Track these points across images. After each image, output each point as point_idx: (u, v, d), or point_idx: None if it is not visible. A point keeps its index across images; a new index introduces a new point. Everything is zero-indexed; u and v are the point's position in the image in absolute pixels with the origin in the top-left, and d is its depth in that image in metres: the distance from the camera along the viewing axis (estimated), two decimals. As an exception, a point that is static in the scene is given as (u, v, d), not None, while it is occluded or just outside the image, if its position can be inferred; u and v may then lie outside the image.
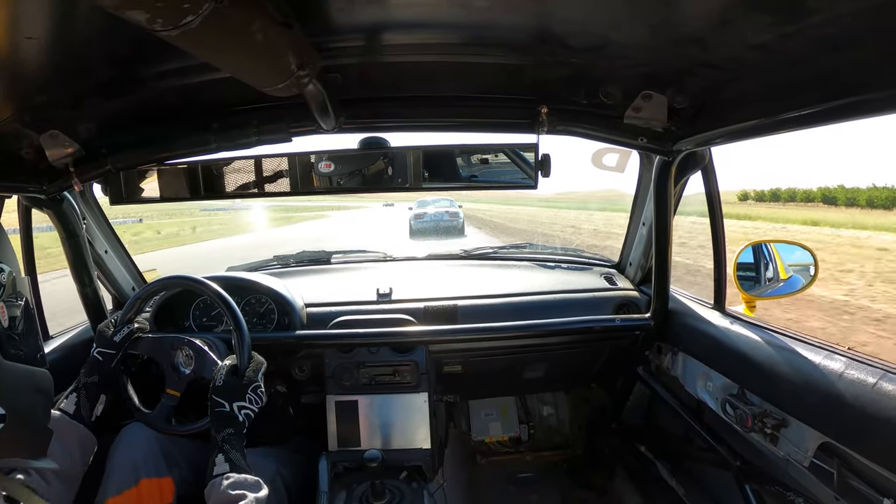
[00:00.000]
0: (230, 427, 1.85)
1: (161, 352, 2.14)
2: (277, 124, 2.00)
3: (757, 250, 2.39)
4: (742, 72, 1.55)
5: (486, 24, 1.47)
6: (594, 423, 3.55)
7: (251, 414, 1.94)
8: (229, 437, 1.82)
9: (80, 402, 1.91)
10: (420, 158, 2.15)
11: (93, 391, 1.96)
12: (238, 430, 1.87)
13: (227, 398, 1.91)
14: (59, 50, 1.31)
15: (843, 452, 1.57)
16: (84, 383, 1.97)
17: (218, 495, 1.64)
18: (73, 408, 1.88)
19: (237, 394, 1.93)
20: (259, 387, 1.99)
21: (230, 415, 1.88)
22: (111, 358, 2.05)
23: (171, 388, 2.09)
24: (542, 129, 2.04)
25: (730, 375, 2.14)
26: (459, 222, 27.21)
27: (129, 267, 2.98)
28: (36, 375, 1.28)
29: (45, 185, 2.09)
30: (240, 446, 1.83)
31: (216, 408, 1.90)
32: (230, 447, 1.79)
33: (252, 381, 1.98)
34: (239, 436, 1.86)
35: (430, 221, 27.00)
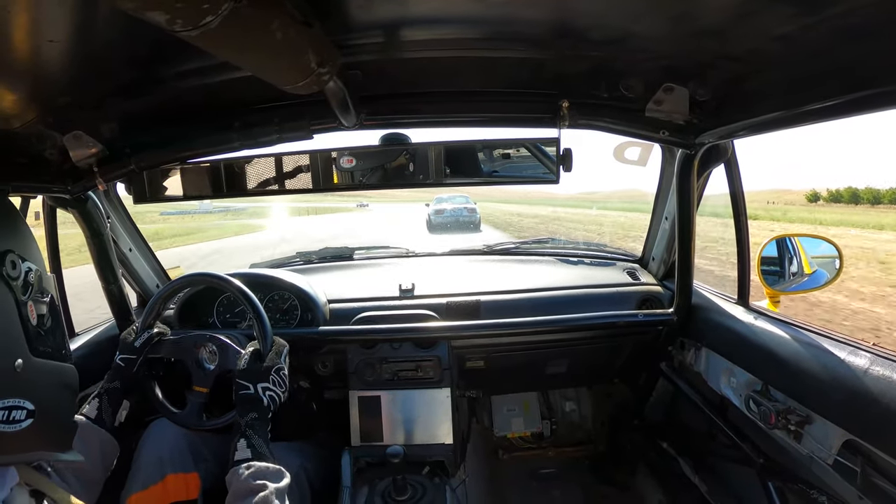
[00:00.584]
0: (254, 410, 1.85)
1: (184, 352, 2.15)
2: (298, 122, 2.01)
3: (781, 244, 2.37)
4: (764, 63, 1.53)
5: (505, 19, 1.47)
6: (616, 418, 3.54)
7: (276, 397, 1.94)
8: (253, 422, 1.81)
9: (102, 407, 1.91)
10: (441, 154, 2.14)
11: (115, 396, 1.97)
12: (262, 415, 1.86)
13: (252, 380, 1.91)
14: (81, 52, 1.32)
15: (868, 450, 1.55)
16: (106, 389, 1.97)
17: (238, 484, 1.63)
18: (95, 413, 1.88)
19: (261, 375, 1.93)
20: (283, 369, 2.00)
21: (255, 397, 1.88)
22: (133, 363, 2.06)
23: (199, 386, 2.11)
24: (564, 124, 2.03)
25: (754, 371, 2.12)
26: (477, 217, 28.69)
27: (154, 264, 3.01)
28: (63, 371, 1.30)
29: (70, 186, 2.11)
30: (263, 431, 1.82)
31: (241, 391, 1.89)
32: (253, 432, 1.78)
33: (275, 362, 1.98)
34: (263, 420, 1.85)
35: (451, 217, 28.11)
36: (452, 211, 28.45)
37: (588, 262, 3.27)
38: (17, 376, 1.13)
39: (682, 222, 2.40)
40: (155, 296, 2.25)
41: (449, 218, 28.07)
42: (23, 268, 1.18)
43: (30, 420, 1.14)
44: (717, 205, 2.51)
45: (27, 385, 1.15)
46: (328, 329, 2.67)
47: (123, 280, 2.67)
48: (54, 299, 1.31)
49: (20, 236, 1.23)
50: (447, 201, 29.50)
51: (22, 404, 1.13)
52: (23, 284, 1.18)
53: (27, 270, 1.19)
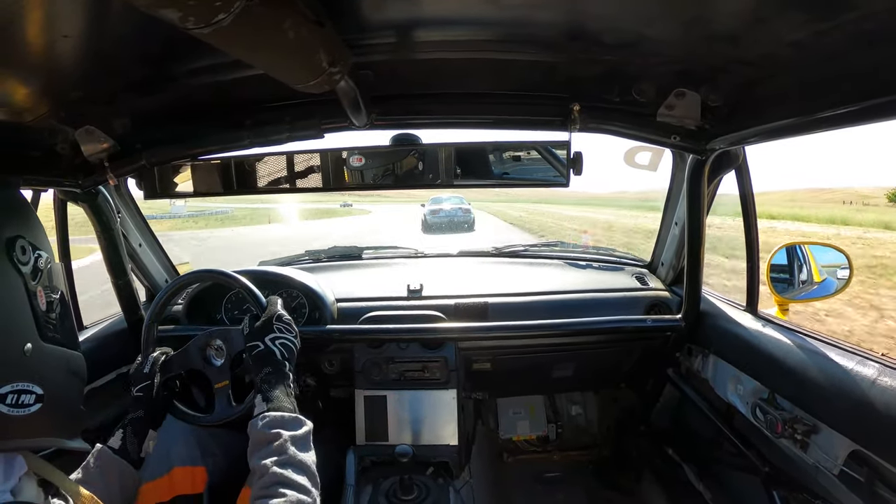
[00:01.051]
0: (268, 365, 1.82)
1: (193, 359, 2.12)
2: (309, 121, 2.01)
3: (791, 252, 2.36)
4: (777, 69, 1.53)
5: (518, 21, 1.47)
6: (622, 423, 3.53)
7: (287, 343, 1.91)
8: (267, 376, 1.78)
9: (127, 438, 1.88)
10: (452, 155, 2.14)
11: (139, 427, 1.94)
12: (277, 367, 1.83)
13: (258, 337, 1.88)
14: (94, 48, 1.32)
15: (874, 461, 1.55)
16: (130, 419, 1.94)
17: (254, 436, 1.62)
18: (118, 443, 1.86)
19: (265, 329, 1.90)
20: (283, 316, 1.96)
21: (266, 351, 1.85)
22: (150, 389, 2.04)
23: (219, 382, 2.10)
24: (575, 127, 2.02)
25: (761, 379, 2.11)
26: (471, 218, 29.95)
27: (163, 260, 3.03)
28: (72, 358, 1.31)
29: (81, 180, 2.12)
30: (281, 383, 1.79)
31: (252, 351, 1.87)
32: (269, 386, 1.75)
33: (273, 313, 1.96)
34: (278, 372, 1.82)
35: (446, 217, 29.54)
36: (448, 211, 29.67)
37: (597, 266, 3.27)
38: (27, 360, 1.14)
39: (691, 228, 2.39)
40: (161, 291, 2.24)
41: (444, 218, 29.36)
42: (33, 255, 1.20)
43: (38, 405, 1.14)
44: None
45: (36, 369, 1.16)
46: (336, 328, 2.68)
47: (133, 275, 2.68)
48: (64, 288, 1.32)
49: (31, 225, 1.24)
50: (445, 201, 30.47)
51: (31, 388, 1.14)
52: (32, 270, 1.19)
53: (37, 257, 1.21)
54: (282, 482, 1.48)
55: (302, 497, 1.47)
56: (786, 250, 2.36)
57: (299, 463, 1.57)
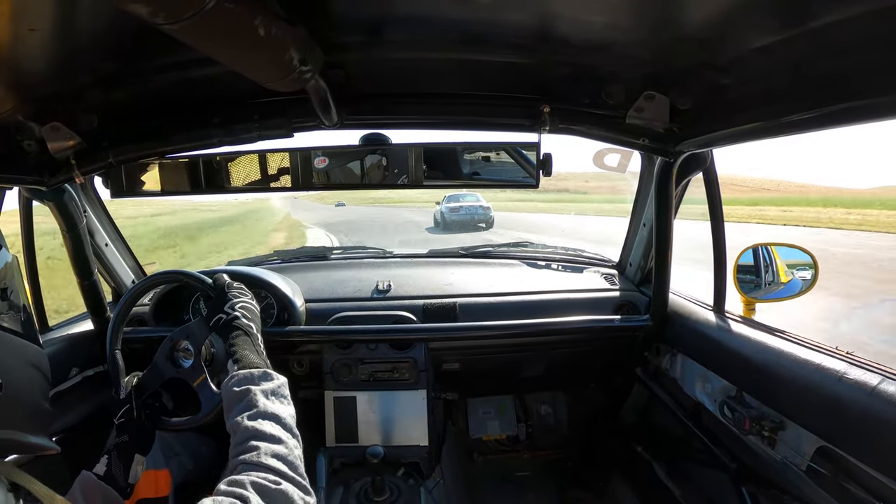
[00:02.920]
0: (233, 330, 1.82)
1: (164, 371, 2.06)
2: (279, 119, 2.00)
3: (757, 253, 2.39)
4: (745, 74, 1.55)
5: (489, 23, 1.48)
6: (592, 423, 3.55)
7: (247, 305, 1.91)
8: (234, 340, 1.78)
9: (112, 464, 1.81)
10: (421, 155, 2.14)
11: (125, 452, 1.87)
12: (243, 329, 1.83)
13: (218, 310, 1.89)
14: (61, 42, 1.31)
15: (841, 457, 1.57)
16: (115, 444, 1.88)
17: (226, 398, 1.60)
18: (104, 469, 1.78)
19: (220, 301, 1.91)
20: (232, 284, 1.97)
21: (229, 317, 1.85)
22: (130, 412, 1.99)
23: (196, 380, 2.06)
24: (544, 129, 2.03)
25: (728, 378, 2.14)
26: (492, 216, 27.74)
27: (130, 260, 2.99)
28: (31, 351, 1.28)
29: (47, 177, 2.08)
30: (248, 343, 1.79)
31: (217, 324, 1.87)
32: (237, 348, 1.75)
33: (223, 282, 1.97)
34: (245, 334, 1.82)
35: (467, 214, 27.59)
36: (469, 208, 27.71)
37: (566, 267, 3.29)
38: None
39: (659, 229, 2.42)
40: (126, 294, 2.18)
41: (465, 216, 27.49)
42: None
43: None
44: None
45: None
46: (304, 328, 2.67)
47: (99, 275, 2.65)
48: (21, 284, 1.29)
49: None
50: (463, 199, 28.35)
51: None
52: None
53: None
54: (254, 435, 1.45)
55: (276, 448, 1.43)
56: (752, 251, 2.38)
57: (271, 415, 1.54)
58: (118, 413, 1.95)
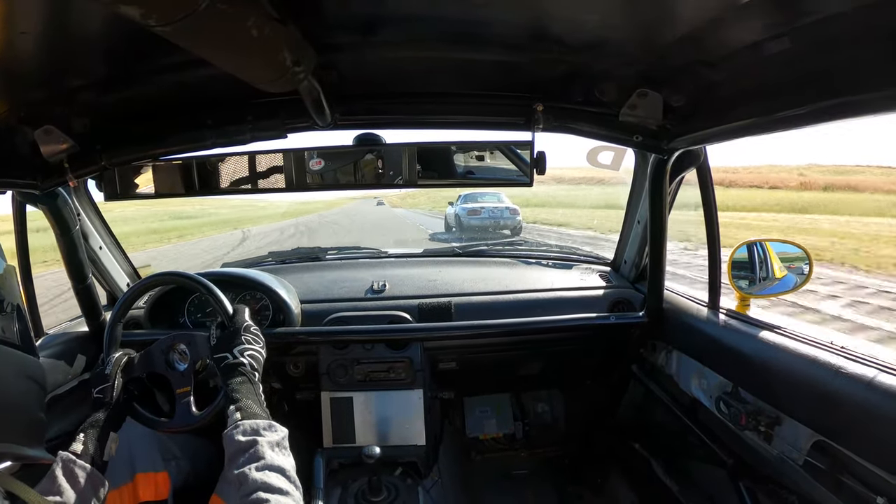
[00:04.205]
0: (238, 375, 1.82)
1: (155, 362, 2.08)
2: (272, 120, 2.00)
3: (751, 248, 2.39)
4: (737, 70, 1.55)
5: (482, 22, 1.48)
6: (589, 420, 3.55)
7: (256, 353, 1.91)
8: (238, 386, 1.78)
9: (87, 442, 1.82)
10: (415, 155, 2.14)
11: (100, 430, 1.89)
12: (247, 377, 1.83)
13: (226, 348, 1.88)
14: (53, 45, 1.30)
15: (837, 451, 1.58)
16: (90, 422, 1.90)
17: (230, 446, 1.61)
18: (80, 447, 1.78)
19: (233, 339, 1.90)
20: (251, 326, 1.97)
21: (235, 362, 1.85)
22: (110, 391, 2.00)
23: (181, 388, 2.06)
24: (538, 127, 2.04)
25: (724, 373, 2.14)
26: (520, 221, 22.01)
27: (124, 263, 2.98)
28: (26, 362, 1.26)
29: (40, 181, 2.07)
30: (251, 392, 1.80)
31: (220, 362, 1.87)
32: (240, 395, 1.75)
33: (241, 322, 1.96)
34: (249, 382, 1.83)
35: (490, 218, 21.67)
36: (492, 211, 21.74)
37: (561, 265, 3.29)
38: None
39: (654, 226, 2.42)
40: (125, 294, 2.20)
41: (487, 220, 21.60)
42: None
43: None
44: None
45: None
46: (300, 329, 2.67)
47: (93, 278, 2.64)
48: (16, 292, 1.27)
49: None
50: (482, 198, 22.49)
51: None
52: None
53: None
54: (263, 487, 1.47)
55: (284, 500, 1.45)
56: (747, 247, 2.39)
57: (278, 468, 1.55)
58: (98, 388, 1.97)
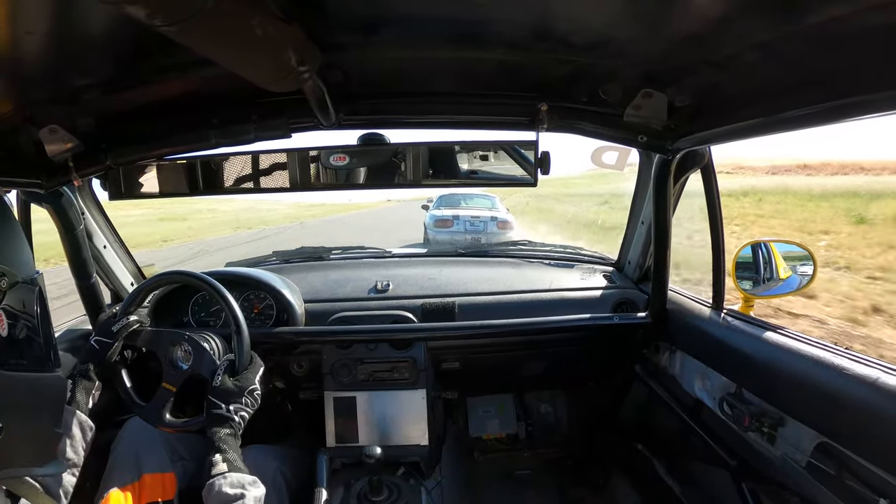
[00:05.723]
0: (226, 427, 1.88)
1: (160, 346, 2.12)
2: (276, 120, 2.00)
3: (756, 249, 2.39)
4: (742, 71, 1.55)
5: (486, 21, 1.47)
6: (592, 421, 3.55)
7: (246, 416, 1.96)
8: (226, 438, 1.84)
9: (76, 389, 1.91)
10: (419, 155, 2.13)
11: (87, 379, 1.95)
12: (234, 431, 1.90)
13: (224, 400, 1.92)
14: (59, 45, 1.30)
15: (841, 452, 1.57)
16: (79, 370, 1.96)
17: (216, 495, 1.67)
18: (68, 394, 1.86)
19: (234, 396, 1.94)
20: (256, 390, 2.00)
21: (226, 416, 1.90)
22: (108, 346, 2.03)
23: (168, 383, 2.08)
24: (542, 127, 2.03)
25: (727, 374, 2.14)
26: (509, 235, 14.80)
27: (128, 262, 2.98)
28: (41, 381, 1.24)
29: (45, 180, 2.07)
30: (236, 446, 1.86)
31: (213, 409, 1.91)
32: (227, 447, 1.81)
33: (249, 383, 1.99)
34: (235, 436, 1.89)
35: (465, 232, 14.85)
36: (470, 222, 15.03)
37: (564, 265, 3.28)
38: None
39: (658, 226, 2.42)
40: (138, 287, 2.23)
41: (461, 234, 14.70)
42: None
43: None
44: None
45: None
46: (303, 329, 2.67)
47: (98, 277, 2.64)
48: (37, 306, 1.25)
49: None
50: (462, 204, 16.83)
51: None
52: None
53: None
54: None
55: None
56: (751, 247, 2.39)
57: None
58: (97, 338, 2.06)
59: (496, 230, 14.88)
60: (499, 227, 14.97)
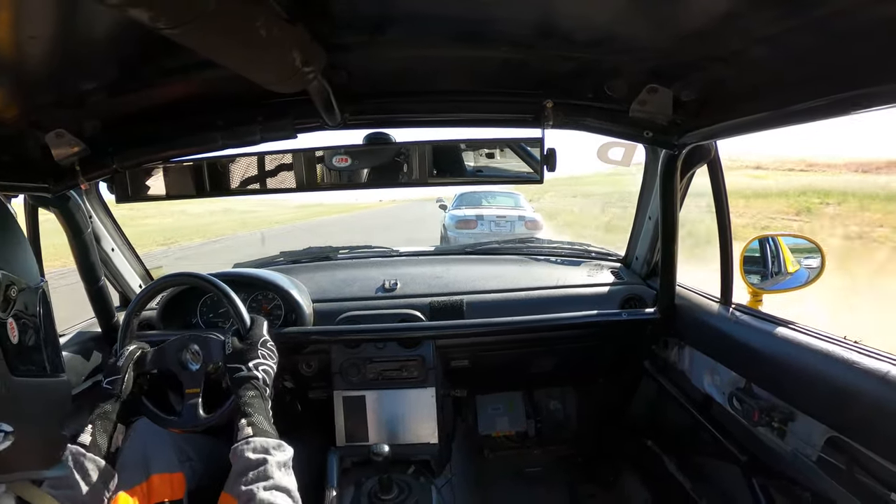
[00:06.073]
0: (251, 389, 1.85)
1: (168, 360, 2.10)
2: (282, 121, 2.00)
3: (763, 244, 2.38)
4: (748, 65, 1.54)
5: (490, 19, 1.47)
6: (601, 417, 3.55)
7: (269, 369, 1.95)
8: (251, 400, 1.81)
9: (95, 433, 1.84)
10: (426, 154, 2.14)
11: (106, 421, 1.91)
12: (259, 391, 1.86)
13: (241, 360, 1.92)
14: (63, 49, 1.30)
15: (851, 447, 1.57)
16: (98, 414, 1.92)
17: (240, 461, 1.64)
18: (89, 439, 1.81)
19: (249, 353, 1.94)
20: (267, 341, 2.01)
21: (249, 375, 1.88)
22: (119, 382, 2.01)
23: (191, 388, 2.07)
24: (548, 124, 2.03)
25: (736, 369, 2.13)
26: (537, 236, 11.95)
27: (136, 264, 2.99)
28: (48, 386, 1.24)
29: (52, 184, 2.07)
30: (262, 408, 1.82)
31: (234, 373, 1.90)
32: (252, 409, 1.78)
33: (258, 336, 2.00)
34: (261, 397, 1.86)
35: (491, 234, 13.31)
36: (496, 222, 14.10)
37: (572, 261, 3.28)
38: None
39: (665, 222, 2.41)
40: (140, 292, 2.22)
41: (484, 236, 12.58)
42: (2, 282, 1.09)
43: (7, 442, 1.08)
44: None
45: (6, 407, 1.08)
46: (312, 329, 2.68)
47: (106, 280, 2.65)
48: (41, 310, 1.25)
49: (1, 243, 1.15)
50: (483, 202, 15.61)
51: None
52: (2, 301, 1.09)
53: (8, 285, 1.10)
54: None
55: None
56: (759, 242, 2.37)
57: (284, 488, 1.60)
58: (108, 378, 2.00)
59: (524, 230, 13.85)
60: (527, 227, 14.09)
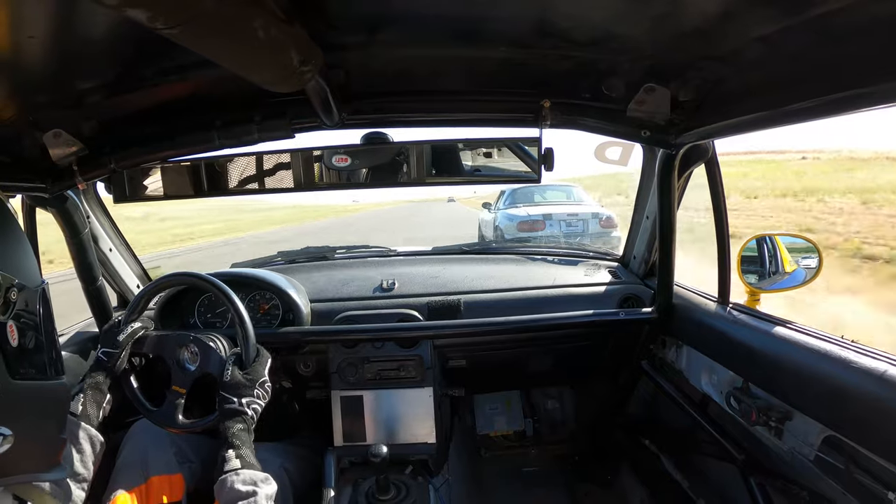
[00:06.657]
0: (239, 422, 1.86)
1: (166, 349, 2.12)
2: (279, 120, 2.00)
3: (761, 243, 2.39)
4: (745, 64, 1.55)
5: (488, 19, 1.48)
6: (599, 417, 3.55)
7: (259, 408, 1.95)
8: (239, 433, 1.83)
9: (86, 403, 1.88)
10: (423, 153, 2.14)
11: (97, 392, 1.94)
12: (247, 426, 1.88)
13: (236, 394, 1.91)
14: (61, 49, 1.31)
15: (848, 446, 1.57)
16: (89, 384, 1.94)
17: (228, 492, 1.66)
18: (79, 408, 1.85)
19: (245, 389, 1.93)
20: (266, 381, 2.00)
21: (239, 410, 1.89)
22: (115, 357, 2.02)
23: (178, 386, 2.08)
24: (545, 123, 2.04)
25: (734, 369, 2.13)
26: (616, 237, 12.07)
27: (134, 265, 2.99)
28: (48, 389, 1.24)
29: (49, 184, 2.08)
30: (249, 442, 1.84)
31: (225, 403, 1.90)
32: (240, 443, 1.80)
33: (259, 375, 1.99)
34: (248, 431, 1.87)
35: (559, 236, 12.07)
36: (567, 222, 12.26)
37: (569, 261, 3.28)
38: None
39: (663, 221, 2.42)
40: (141, 291, 2.22)
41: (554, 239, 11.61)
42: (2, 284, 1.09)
43: (6, 445, 1.07)
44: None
45: (5, 411, 1.09)
46: (310, 329, 2.67)
47: (104, 280, 2.65)
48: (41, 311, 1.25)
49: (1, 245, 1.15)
50: (543, 194, 13.68)
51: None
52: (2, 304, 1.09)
53: (8, 287, 1.10)
54: None
55: None
56: (756, 241, 2.38)
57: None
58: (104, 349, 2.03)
59: (598, 230, 12.17)
60: (602, 226, 12.27)
